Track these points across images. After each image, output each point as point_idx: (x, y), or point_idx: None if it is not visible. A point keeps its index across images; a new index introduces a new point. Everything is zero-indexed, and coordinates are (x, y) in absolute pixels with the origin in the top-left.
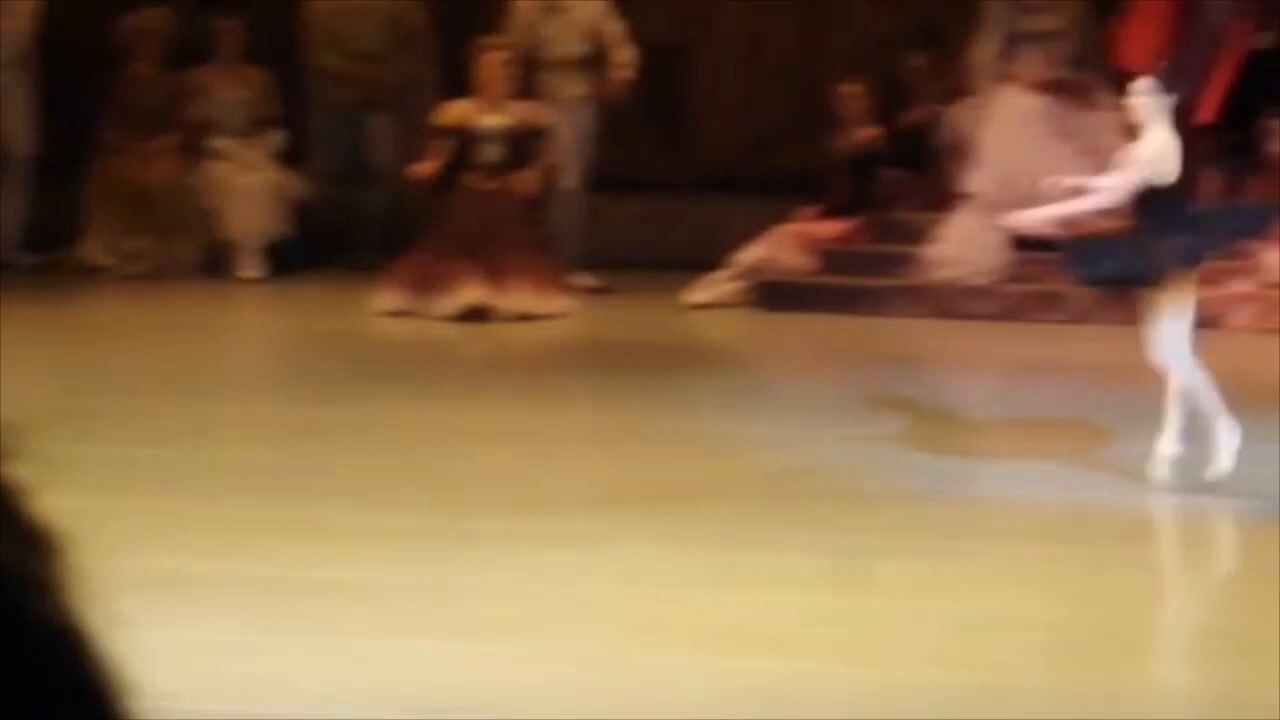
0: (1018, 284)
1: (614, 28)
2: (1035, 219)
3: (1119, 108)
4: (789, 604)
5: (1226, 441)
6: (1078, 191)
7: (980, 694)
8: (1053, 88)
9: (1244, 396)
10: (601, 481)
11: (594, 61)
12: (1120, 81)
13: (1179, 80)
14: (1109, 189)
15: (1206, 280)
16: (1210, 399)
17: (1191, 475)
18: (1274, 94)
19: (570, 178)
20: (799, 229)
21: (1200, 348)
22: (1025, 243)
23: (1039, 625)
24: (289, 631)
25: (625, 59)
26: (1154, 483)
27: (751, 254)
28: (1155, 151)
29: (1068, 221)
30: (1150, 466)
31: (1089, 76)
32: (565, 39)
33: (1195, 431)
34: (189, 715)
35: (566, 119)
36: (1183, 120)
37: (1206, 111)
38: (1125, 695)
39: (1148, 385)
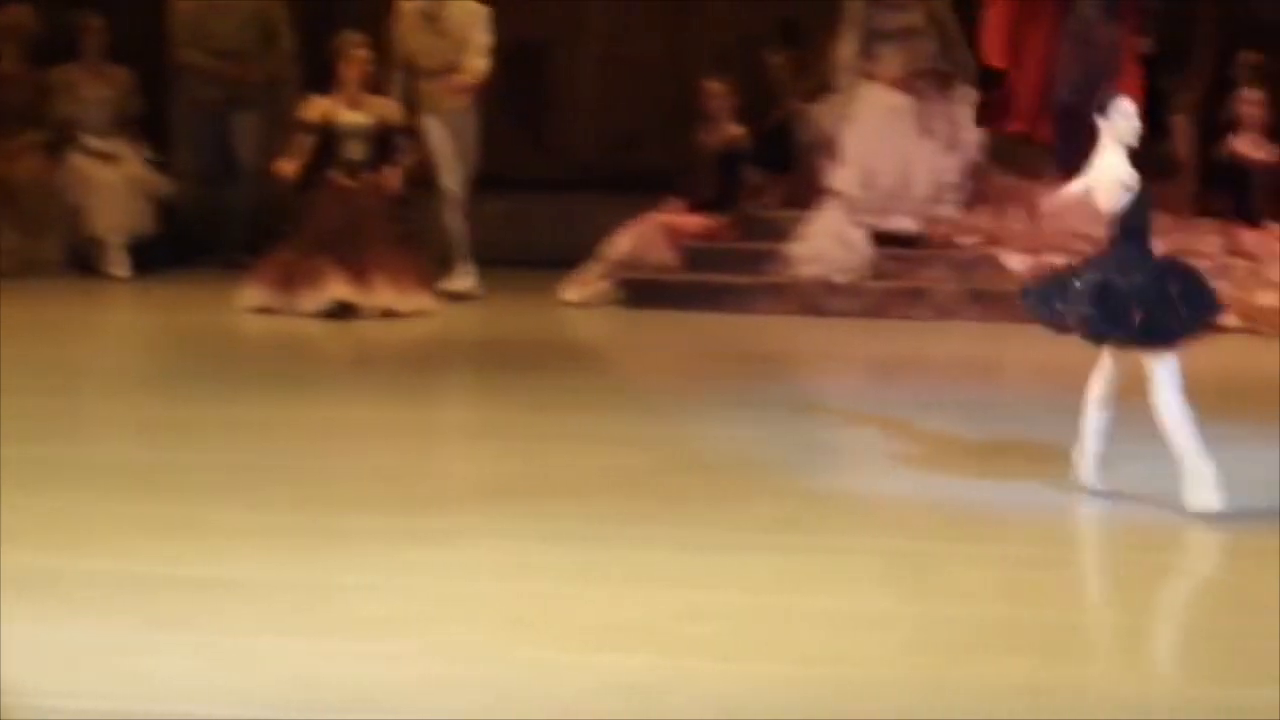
0: (881, 281)
1: (478, 38)
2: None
3: (977, 103)
4: (660, 601)
5: (1199, 479)
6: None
7: (847, 690)
8: (913, 84)
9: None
10: (472, 479)
11: None
12: (984, 77)
13: (1073, 88)
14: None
15: None
16: (1188, 439)
17: (1058, 472)
18: (1162, 97)
19: (451, 183)
20: (665, 220)
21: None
22: (888, 240)
23: (905, 622)
24: (160, 629)
25: (472, 66)
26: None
27: (619, 246)
28: (1103, 176)
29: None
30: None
31: (949, 72)
32: (440, 49)
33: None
34: (62, 713)
35: (446, 128)
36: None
37: None
38: (990, 692)
39: (1011, 381)
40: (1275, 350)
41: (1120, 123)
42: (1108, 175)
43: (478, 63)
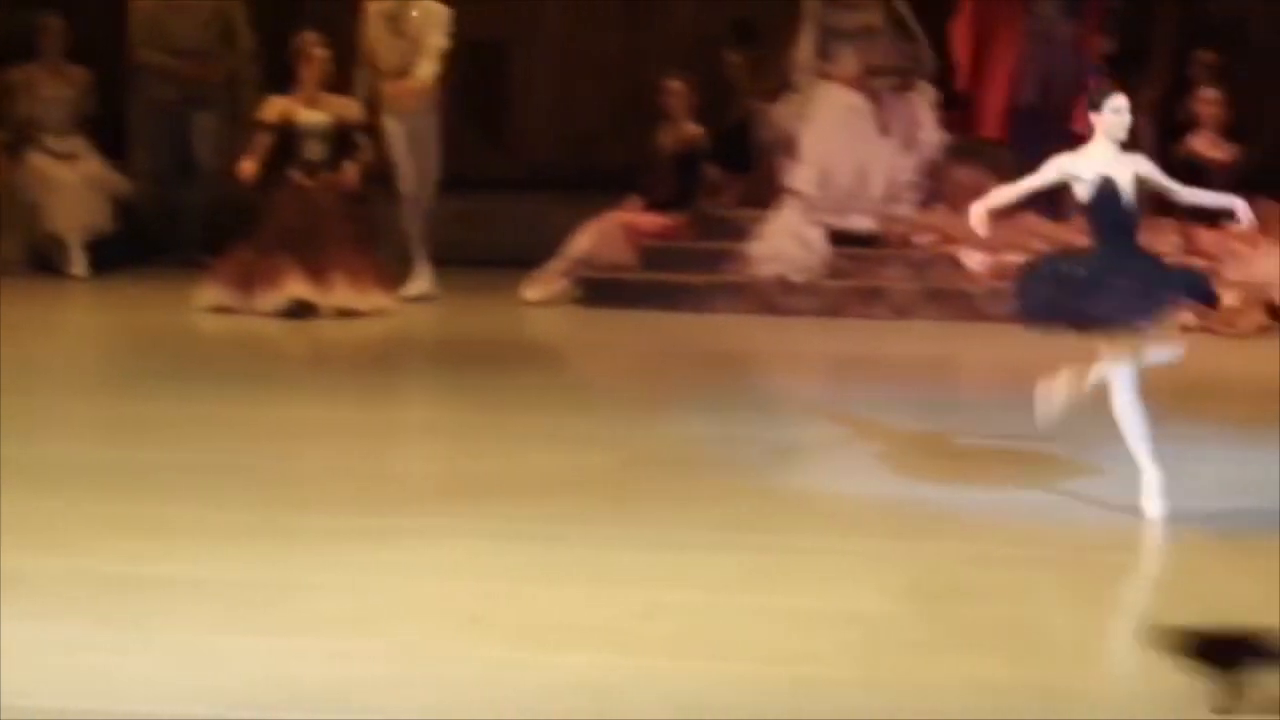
0: (839, 280)
1: (433, 41)
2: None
3: (936, 103)
4: (616, 599)
5: (1146, 484)
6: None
7: (808, 690)
8: (869, 84)
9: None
10: (432, 478)
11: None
12: (950, 92)
13: (1036, 88)
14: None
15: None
16: (1140, 441)
17: (1019, 471)
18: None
19: (408, 185)
20: (625, 219)
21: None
22: (845, 239)
23: (863, 620)
24: (119, 628)
25: (420, 72)
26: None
27: (579, 245)
28: (1082, 166)
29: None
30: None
31: (908, 69)
32: (399, 49)
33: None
34: (22, 713)
35: (403, 128)
36: (1064, 133)
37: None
38: (946, 691)
39: (970, 380)
40: (1232, 350)
41: (1110, 118)
42: (1081, 168)
43: (425, 68)
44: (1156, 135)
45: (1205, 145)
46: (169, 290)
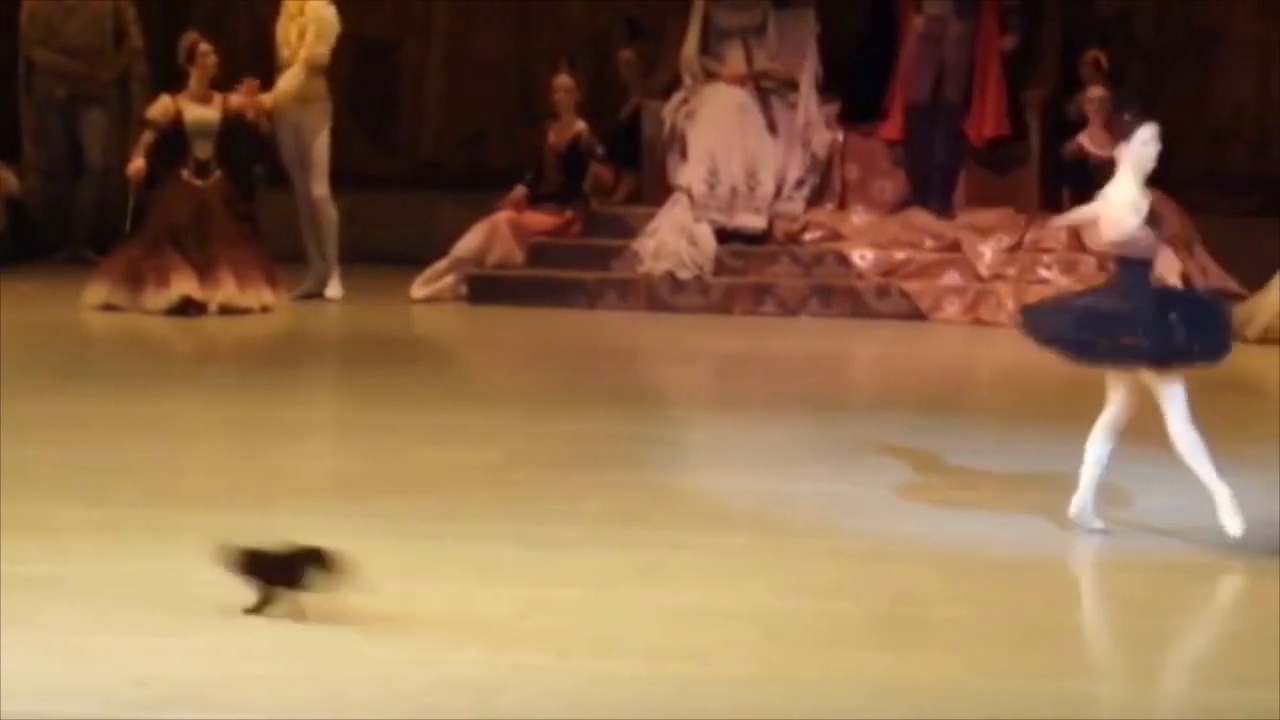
0: (727, 277)
1: (309, 49)
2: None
3: (824, 100)
4: (500, 595)
5: (1223, 504)
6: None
7: (692, 685)
8: (758, 81)
9: (953, 388)
10: (315, 475)
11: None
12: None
13: (931, 90)
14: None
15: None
16: (1204, 465)
17: (902, 467)
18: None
19: (297, 179)
20: (514, 216)
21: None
22: (733, 236)
23: (749, 616)
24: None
25: (282, 85)
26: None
27: (468, 243)
28: (1117, 204)
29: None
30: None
31: (793, 69)
32: (293, 45)
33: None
34: None
35: (289, 123)
36: (955, 131)
37: (993, 125)
38: (832, 686)
39: (856, 376)
40: None
41: (1140, 150)
42: (1117, 201)
43: (286, 81)
44: (1045, 133)
45: (1093, 142)
46: (57, 288)
